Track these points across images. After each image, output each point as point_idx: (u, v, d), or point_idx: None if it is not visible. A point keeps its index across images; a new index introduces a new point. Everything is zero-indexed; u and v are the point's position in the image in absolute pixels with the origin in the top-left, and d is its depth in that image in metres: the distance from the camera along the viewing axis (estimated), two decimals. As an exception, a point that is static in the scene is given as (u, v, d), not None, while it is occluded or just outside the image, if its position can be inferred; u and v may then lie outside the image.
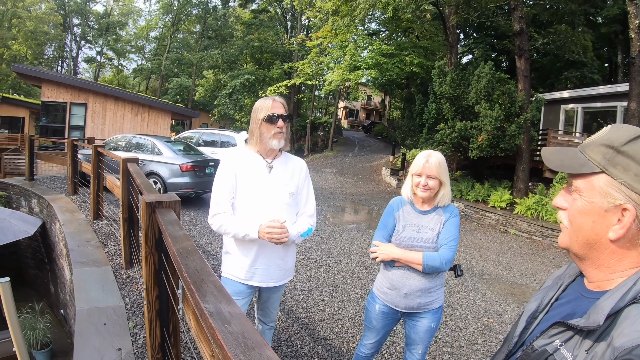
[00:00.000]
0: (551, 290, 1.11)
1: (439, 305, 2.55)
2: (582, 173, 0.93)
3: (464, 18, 18.01)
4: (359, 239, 8.45)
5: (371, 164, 23.99)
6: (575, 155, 0.96)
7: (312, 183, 2.69)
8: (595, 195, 0.91)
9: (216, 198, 2.41)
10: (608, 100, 14.74)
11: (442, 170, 2.43)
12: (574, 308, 0.98)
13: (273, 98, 2.43)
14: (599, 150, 0.92)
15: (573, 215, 0.96)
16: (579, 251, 0.96)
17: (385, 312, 2.59)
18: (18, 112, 29.34)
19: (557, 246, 9.65)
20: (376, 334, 2.67)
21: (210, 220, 2.42)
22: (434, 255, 2.37)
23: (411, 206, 2.56)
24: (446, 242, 2.39)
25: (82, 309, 3.76)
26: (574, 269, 1.09)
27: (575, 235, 0.96)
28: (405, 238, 2.48)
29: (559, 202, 1.01)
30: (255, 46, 35.11)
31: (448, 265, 2.37)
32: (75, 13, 48.49)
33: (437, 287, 2.50)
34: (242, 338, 0.94)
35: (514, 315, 5.34)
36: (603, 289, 0.93)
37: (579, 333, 0.89)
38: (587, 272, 0.98)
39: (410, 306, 2.49)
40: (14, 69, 19.77)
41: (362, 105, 60.84)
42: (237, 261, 2.47)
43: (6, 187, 11.40)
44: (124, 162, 4.74)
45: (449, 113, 13.05)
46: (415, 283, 2.45)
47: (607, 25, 21.64)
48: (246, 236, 2.30)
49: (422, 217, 2.50)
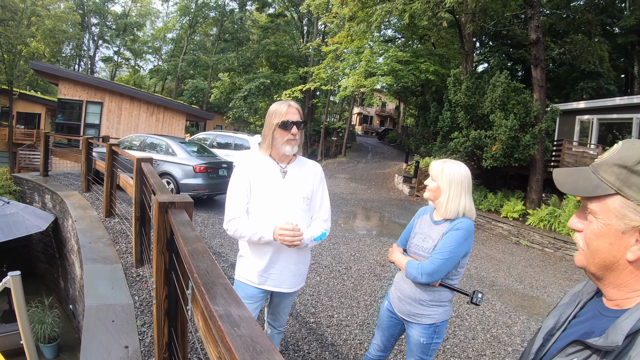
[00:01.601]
0: (569, 308, 1.08)
1: (430, 322, 2.43)
2: (597, 195, 0.91)
3: (480, 26, 17.92)
4: (369, 246, 8.41)
5: (384, 170, 23.93)
6: (588, 177, 0.94)
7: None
8: (611, 218, 0.88)
9: (231, 203, 2.40)
10: (624, 111, 14.55)
11: (445, 176, 2.37)
12: (592, 326, 0.95)
13: (289, 103, 2.39)
14: (612, 170, 0.89)
15: (589, 238, 0.94)
16: (596, 272, 0.94)
17: (390, 311, 2.64)
18: (34, 109, 29.78)
19: (570, 259, 9.55)
20: (382, 334, 2.70)
21: (225, 226, 2.40)
22: (414, 264, 2.35)
23: (430, 215, 2.54)
24: (434, 254, 2.32)
25: (91, 305, 3.78)
26: (592, 286, 1.06)
27: (592, 257, 0.93)
28: (412, 245, 2.52)
29: (574, 223, 0.99)
30: (271, 50, 35.19)
31: (425, 277, 2.28)
32: (94, 13, 48.99)
33: (430, 301, 2.42)
34: (250, 342, 0.93)
35: (524, 328, 5.28)
36: (622, 307, 0.91)
37: (596, 352, 0.86)
38: (606, 291, 0.96)
39: (402, 311, 2.51)
40: (32, 66, 20.00)
41: (376, 111, 60.77)
42: (251, 265, 2.46)
43: (20, 182, 11.55)
44: (138, 161, 4.77)
45: (464, 121, 12.98)
46: (407, 289, 2.47)
47: (624, 35, 21.42)
48: (261, 239, 2.29)
49: (433, 227, 2.47)
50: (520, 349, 4.59)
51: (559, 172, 1.00)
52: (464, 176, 2.39)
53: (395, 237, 9.59)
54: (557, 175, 1.00)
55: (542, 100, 12.40)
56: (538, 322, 5.56)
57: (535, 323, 5.49)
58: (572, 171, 0.99)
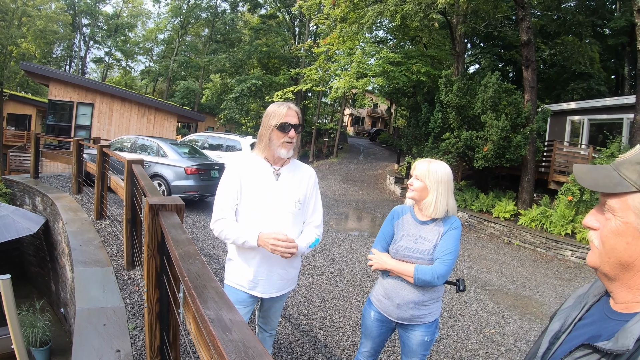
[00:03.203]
0: (574, 310, 1.07)
1: (433, 319, 2.47)
2: (617, 192, 0.91)
3: (471, 28, 17.99)
4: (361, 247, 8.42)
5: (376, 171, 23.98)
6: (609, 174, 0.93)
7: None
8: (630, 215, 0.88)
9: (219, 204, 2.36)
10: (614, 112, 14.68)
11: (432, 176, 2.37)
12: (599, 330, 0.95)
13: (288, 105, 2.35)
14: (635, 169, 0.89)
15: (606, 236, 0.93)
16: (610, 272, 0.94)
17: (379, 320, 2.56)
18: (25, 110, 29.58)
19: (561, 259, 9.60)
20: (372, 342, 2.63)
21: (212, 226, 2.37)
22: (426, 268, 2.31)
23: (412, 215, 2.51)
24: (441, 255, 2.32)
25: (82, 309, 3.75)
26: (597, 288, 1.06)
27: (607, 256, 0.93)
28: (401, 248, 2.44)
29: (590, 221, 0.98)
30: (262, 51, 35.20)
31: (441, 280, 2.29)
32: (85, 13, 48.78)
33: (432, 300, 2.44)
34: (242, 347, 0.92)
35: (516, 327, 5.30)
36: (631, 310, 0.90)
37: (605, 356, 0.86)
38: (616, 293, 0.95)
39: (403, 317, 2.45)
40: (22, 67, 19.87)
41: (368, 112, 60.86)
42: (240, 270, 2.42)
43: (11, 184, 11.45)
44: (128, 163, 4.74)
45: (455, 122, 13.03)
46: (408, 295, 2.41)
47: (614, 37, 21.61)
48: (245, 243, 2.25)
49: (421, 227, 2.44)
50: (513, 349, 4.61)
51: (579, 168, 1.00)
52: (449, 175, 2.42)
53: (388, 238, 9.62)
54: (577, 170, 1.00)
55: (533, 101, 12.48)
56: (531, 321, 5.58)
57: (528, 323, 5.52)
58: (592, 168, 0.99)
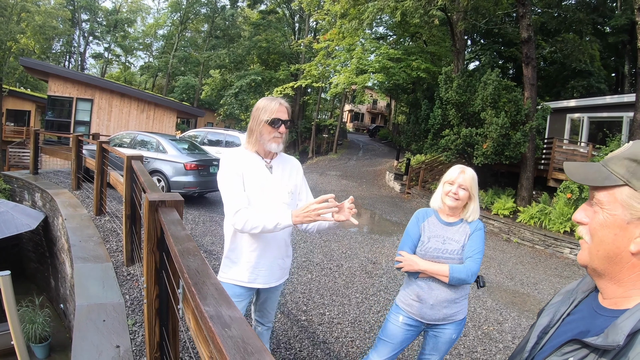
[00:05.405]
0: (563, 305, 1.09)
1: (463, 316, 2.56)
2: (605, 186, 0.93)
3: (471, 24, 17.98)
4: (360, 243, 8.43)
5: (375, 168, 23.96)
6: (598, 169, 0.96)
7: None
8: (618, 208, 0.91)
9: (232, 195, 2.26)
10: (614, 110, 14.66)
11: (474, 184, 2.49)
12: (588, 325, 0.97)
13: (279, 101, 2.37)
14: (623, 163, 0.91)
15: (594, 229, 0.96)
16: (599, 266, 0.95)
17: (409, 324, 2.57)
18: (24, 106, 29.49)
19: (560, 256, 9.62)
20: (391, 349, 2.60)
21: (233, 219, 2.21)
22: (460, 267, 2.39)
23: (436, 217, 2.58)
24: (472, 254, 2.42)
25: (81, 305, 3.76)
26: (587, 284, 1.08)
27: (596, 249, 0.95)
28: (430, 249, 2.50)
29: (579, 216, 1.01)
30: (262, 47, 35.09)
31: (474, 277, 2.40)
32: (84, 9, 48.63)
33: (462, 297, 2.53)
34: (241, 343, 0.93)
35: (515, 324, 5.32)
36: (619, 306, 0.92)
37: (594, 352, 0.88)
38: (605, 288, 0.97)
39: (436, 317, 2.50)
40: (21, 62, 19.82)
41: (367, 108, 60.78)
42: (240, 265, 2.42)
43: (10, 180, 11.44)
44: (128, 159, 4.74)
45: (455, 119, 13.02)
46: (442, 294, 2.47)
47: (615, 35, 21.61)
48: (277, 225, 2.15)
49: (448, 228, 2.53)
50: (511, 346, 4.63)
51: (571, 164, 1.03)
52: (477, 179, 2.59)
53: (387, 235, 9.65)
54: (568, 166, 1.03)
55: (533, 99, 12.46)
56: (529, 318, 5.60)
57: (526, 320, 5.53)
58: (582, 164, 1.02)
